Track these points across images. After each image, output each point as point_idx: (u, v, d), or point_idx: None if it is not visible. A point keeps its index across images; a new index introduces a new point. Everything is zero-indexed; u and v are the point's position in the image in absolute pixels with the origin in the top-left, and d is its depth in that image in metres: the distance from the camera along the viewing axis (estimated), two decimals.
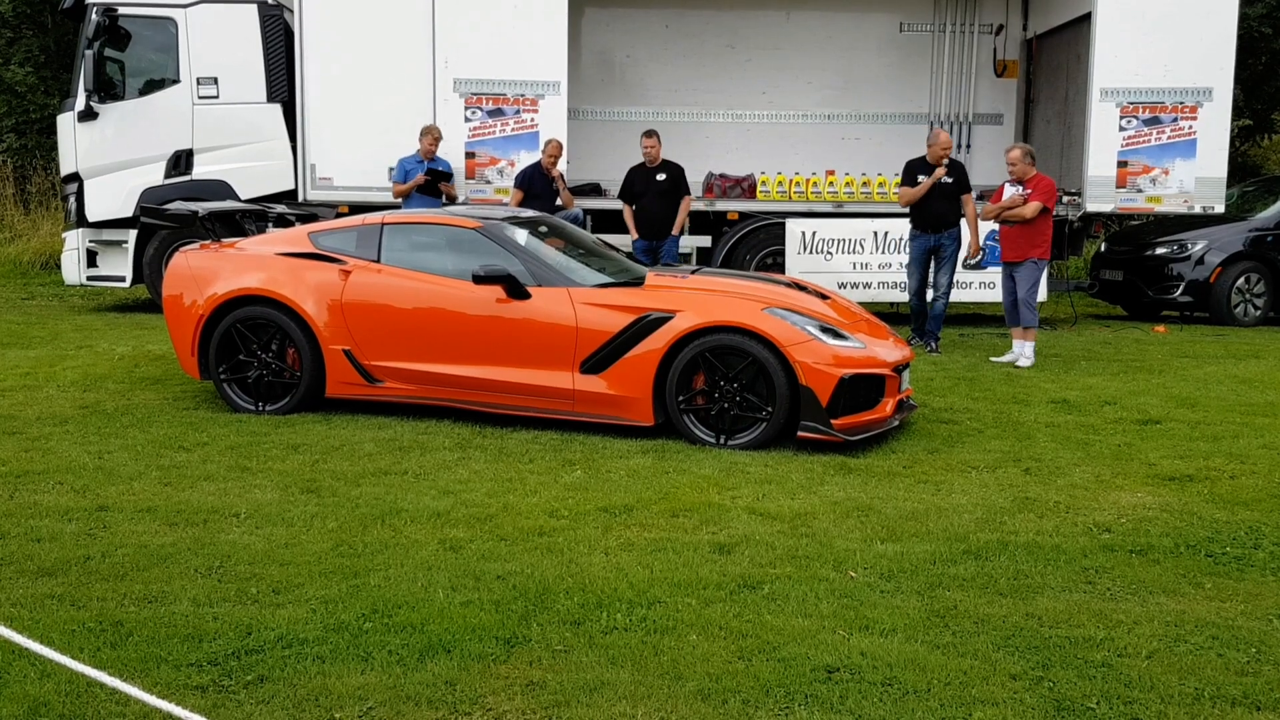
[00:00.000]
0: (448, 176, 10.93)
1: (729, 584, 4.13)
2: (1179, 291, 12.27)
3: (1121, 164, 11.54)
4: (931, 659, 3.51)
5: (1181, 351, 10.03)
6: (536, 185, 10.69)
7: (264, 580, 4.13)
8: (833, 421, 6.03)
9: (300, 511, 4.96)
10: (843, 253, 11.67)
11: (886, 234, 11.65)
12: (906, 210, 9.91)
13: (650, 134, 10.55)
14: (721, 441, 6.17)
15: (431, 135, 10.87)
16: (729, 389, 6.16)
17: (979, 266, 11.57)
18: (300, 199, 11.60)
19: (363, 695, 3.25)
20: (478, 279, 6.53)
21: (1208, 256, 12.13)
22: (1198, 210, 11.72)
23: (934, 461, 5.97)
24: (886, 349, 6.48)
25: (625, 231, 10.64)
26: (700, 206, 11.57)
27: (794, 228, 11.78)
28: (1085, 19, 11.73)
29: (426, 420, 6.73)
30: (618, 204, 11.12)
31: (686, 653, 3.54)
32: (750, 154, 13.32)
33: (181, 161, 11.94)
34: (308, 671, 3.39)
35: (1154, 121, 11.49)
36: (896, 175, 10.49)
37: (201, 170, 11.93)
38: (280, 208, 9.44)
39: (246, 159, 11.92)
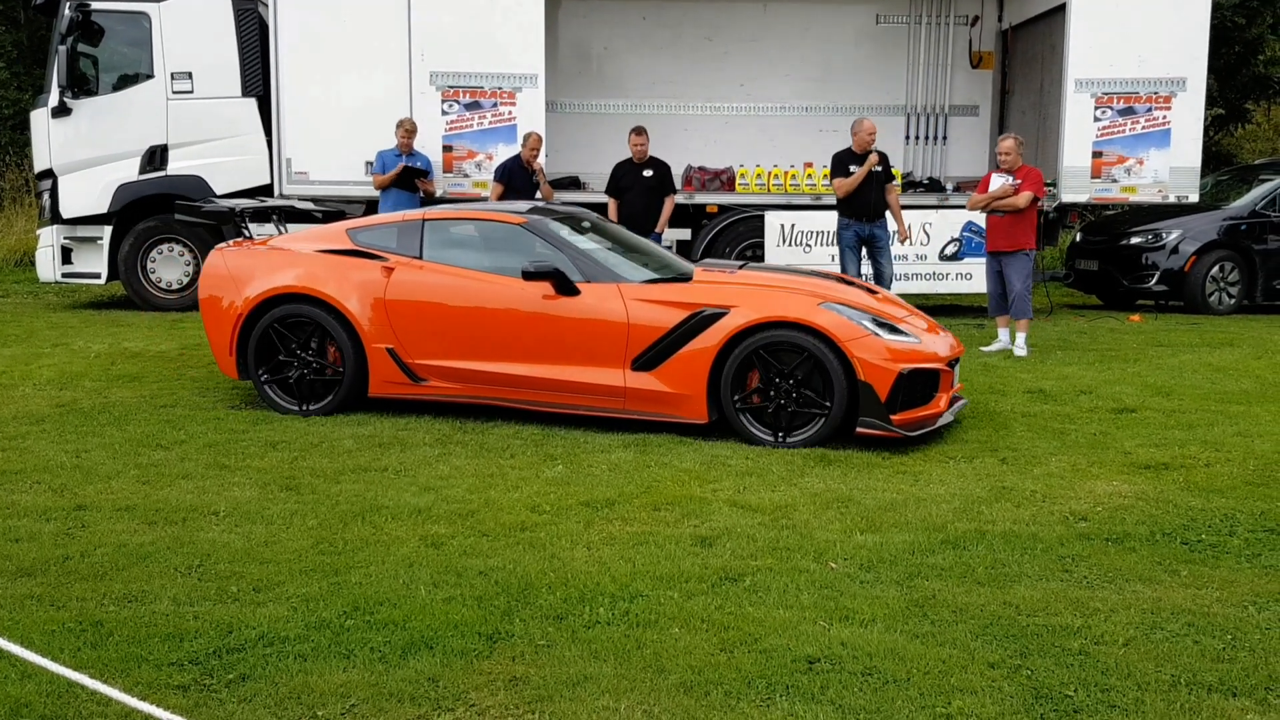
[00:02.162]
0: (424, 173, 10.88)
1: (711, 577, 4.15)
2: (1154, 281, 12.37)
3: (1096, 154, 11.62)
4: (911, 648, 3.54)
5: (1157, 340, 10.12)
6: (516, 179, 10.68)
7: (244, 578, 4.12)
8: (891, 417, 5.98)
9: (280, 509, 4.95)
10: (822, 245, 11.70)
11: None
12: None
13: (640, 131, 10.61)
14: (780, 439, 6.08)
15: (404, 128, 10.82)
16: (785, 386, 6.08)
17: (955, 258, 11.65)
18: (276, 194, 11.54)
19: (345, 693, 3.25)
20: (528, 275, 6.44)
21: (1182, 245, 12.23)
22: (1172, 200, 11.81)
23: (912, 452, 6.01)
24: (938, 343, 6.40)
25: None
26: (680, 199, 11.57)
27: (773, 220, 11.81)
28: (1060, 10, 11.79)
29: (406, 416, 6.72)
30: (598, 197, 11.11)
31: (669, 646, 3.55)
32: (729, 146, 13.33)
33: (156, 157, 11.85)
34: (289, 670, 3.38)
35: (1128, 112, 11.57)
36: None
37: (176, 165, 11.85)
38: (307, 204, 9.37)
39: (222, 154, 11.84)
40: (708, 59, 13.70)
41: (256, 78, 11.83)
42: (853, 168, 9.79)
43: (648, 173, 10.59)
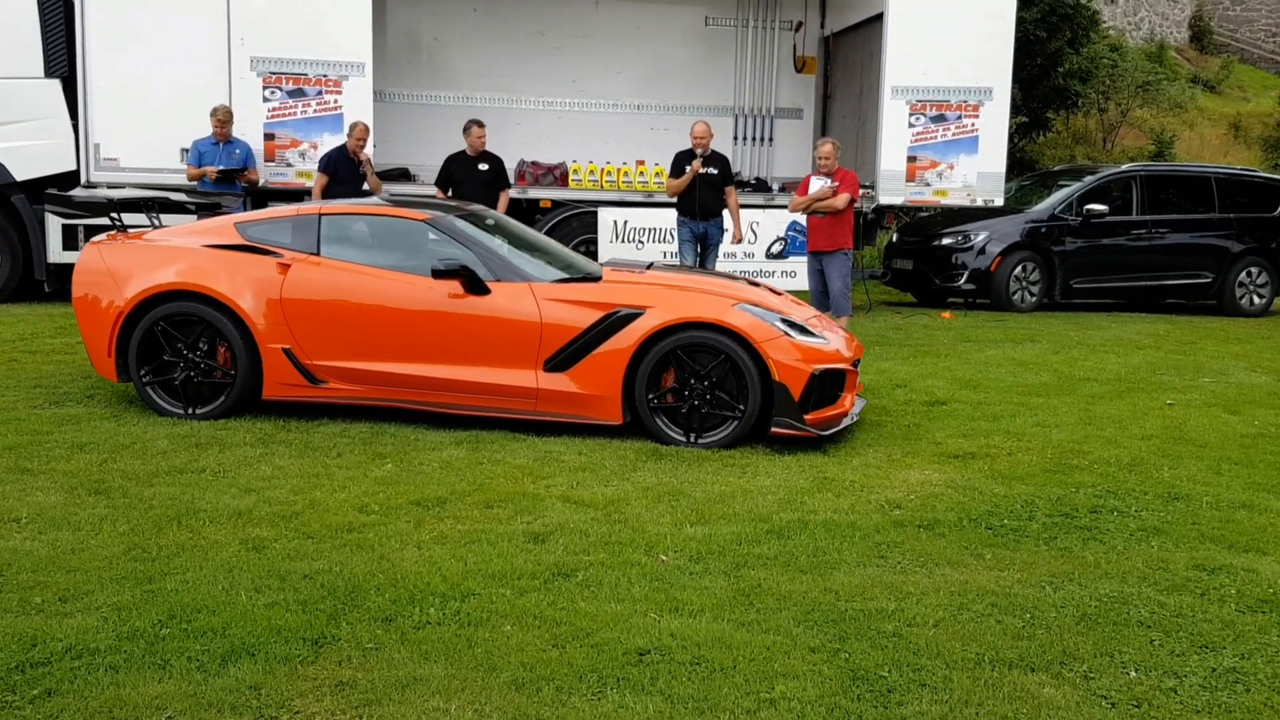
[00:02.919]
0: (240, 171, 10.45)
1: (543, 573, 4.17)
2: (963, 280, 13.04)
3: (911, 159, 12.19)
4: (737, 636, 3.65)
5: (965, 336, 10.69)
6: (342, 170, 10.41)
7: (49, 588, 3.89)
8: (805, 417, 6.03)
9: (88, 514, 4.69)
10: (654, 242, 11.86)
11: None
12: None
13: (480, 124, 10.55)
14: (692, 440, 6.08)
15: (218, 117, 10.39)
16: (699, 387, 6.07)
17: (781, 256, 12.00)
18: (83, 181, 10.90)
19: (160, 704, 3.12)
20: (437, 273, 6.22)
21: (989, 247, 12.93)
22: (980, 203, 12.50)
23: (740, 445, 6.17)
24: (843, 344, 6.50)
25: None
26: (513, 193, 11.52)
27: (606, 217, 11.90)
28: (878, 19, 12.29)
29: (225, 416, 6.46)
30: (429, 189, 10.95)
31: (501, 644, 3.55)
32: (562, 142, 13.35)
33: None
34: (100, 683, 3.22)
35: (940, 119, 12.17)
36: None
37: None
38: (179, 196, 8.80)
39: (22, 137, 11.05)
40: (540, 53, 13.69)
41: (61, 57, 11.11)
42: (687, 168, 10.04)
43: (483, 166, 10.52)
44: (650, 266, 7.43)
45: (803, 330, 6.28)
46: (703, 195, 10.07)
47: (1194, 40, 31.79)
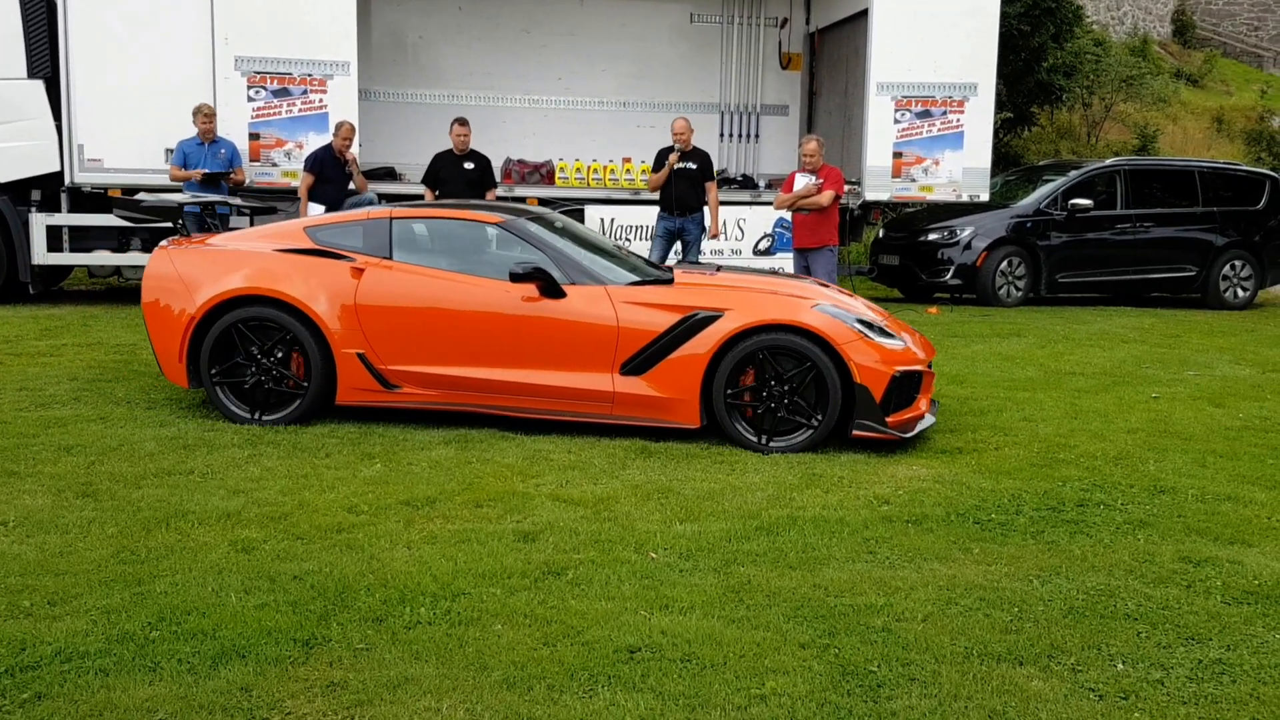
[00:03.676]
0: (225, 175, 10.41)
1: (533, 572, 4.17)
2: (949, 275, 13.09)
3: (897, 155, 12.23)
4: (727, 633, 3.66)
5: (952, 331, 10.73)
6: (328, 169, 10.39)
7: (38, 592, 3.88)
8: (886, 419, 5.99)
9: (76, 517, 4.68)
10: (641, 239, 11.87)
11: None
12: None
13: (463, 122, 10.56)
14: (764, 443, 6.00)
15: (203, 114, 10.35)
16: (778, 390, 6.00)
17: (768, 253, 12.03)
18: (68, 182, 10.85)
19: (151, 707, 3.12)
20: (515, 277, 6.18)
21: (974, 242, 12.98)
22: (965, 198, 12.56)
23: (729, 444, 6.17)
24: (918, 346, 6.40)
25: None
26: (500, 192, 11.52)
27: (593, 214, 11.91)
28: (863, 15, 12.32)
29: (212, 417, 6.45)
30: (414, 188, 10.95)
31: (491, 643, 3.56)
32: (548, 140, 13.35)
33: None
34: (90, 686, 3.22)
35: (925, 115, 12.22)
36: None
37: None
38: (235, 200, 8.81)
39: (6, 139, 10.98)
40: (525, 51, 13.68)
41: (44, 58, 11.05)
42: (666, 163, 10.14)
43: (469, 165, 10.53)
44: (720, 269, 7.38)
45: (880, 331, 6.22)
46: (680, 190, 10.12)
47: (1177, 34, 31.94)
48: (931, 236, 13.23)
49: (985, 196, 12.63)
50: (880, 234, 14.23)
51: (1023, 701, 3.27)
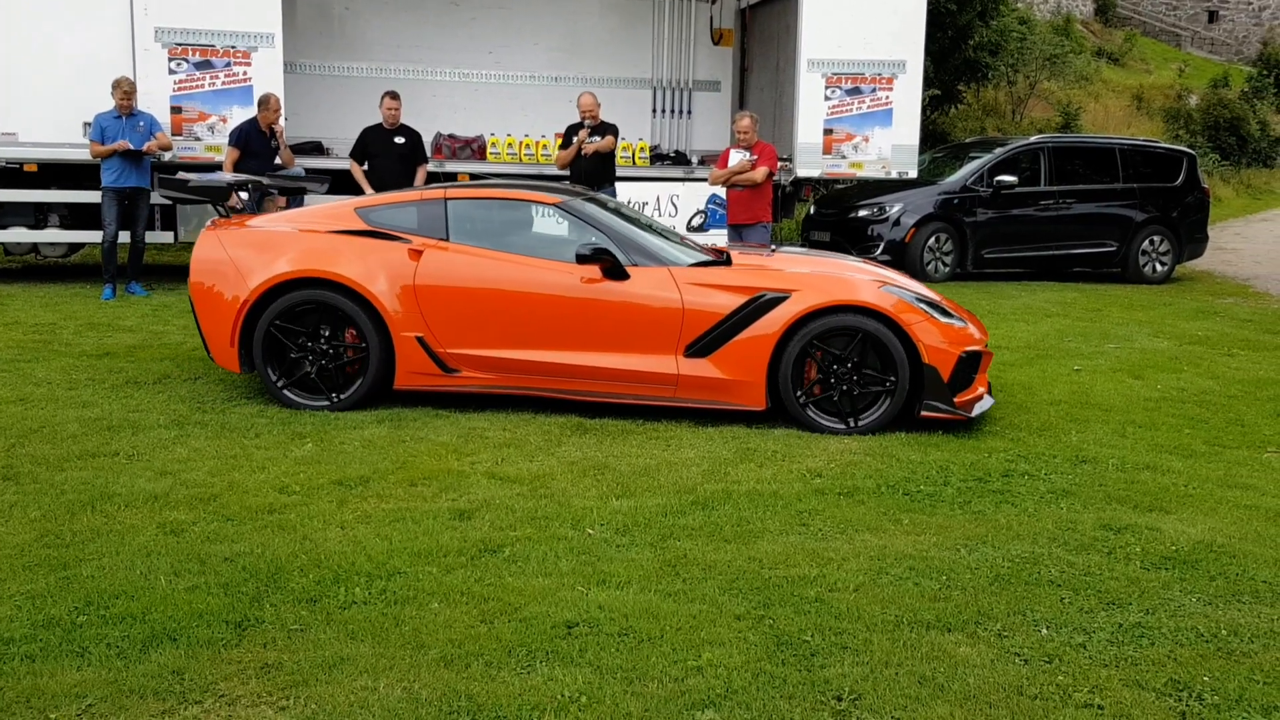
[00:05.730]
0: (141, 154, 10.10)
1: (470, 549, 4.17)
2: (879, 251, 13.21)
3: (827, 131, 12.32)
4: (664, 607, 3.70)
5: None
6: (254, 143, 10.17)
7: None
8: (954, 399, 5.99)
9: None
10: None
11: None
12: (619, 176, 10.38)
13: (394, 95, 10.41)
14: (851, 425, 5.98)
15: (122, 89, 10.04)
16: (844, 370, 5.97)
17: (701, 229, 12.06)
18: None
19: (80, 692, 3.06)
20: (581, 258, 6.06)
21: (903, 218, 13.14)
22: (894, 175, 12.69)
23: (665, 418, 6.21)
24: (974, 326, 6.40)
25: (359, 193, 10.31)
26: (430, 167, 11.38)
27: None
28: None
29: (136, 397, 6.31)
30: (342, 164, 10.77)
31: (428, 621, 3.55)
32: (479, 115, 13.20)
33: None
34: (16, 672, 3.15)
35: (855, 92, 12.32)
36: (624, 140, 10.74)
37: None
38: (265, 180, 8.48)
39: None
40: (455, 24, 13.49)
41: None
42: (574, 139, 10.15)
43: (399, 139, 10.39)
44: (775, 249, 7.33)
45: (942, 311, 6.23)
46: (589, 165, 10.10)
47: (1098, 13, 32.56)
48: (861, 213, 13.37)
49: (914, 173, 12.78)
50: (811, 210, 14.35)
51: (951, 667, 3.35)
